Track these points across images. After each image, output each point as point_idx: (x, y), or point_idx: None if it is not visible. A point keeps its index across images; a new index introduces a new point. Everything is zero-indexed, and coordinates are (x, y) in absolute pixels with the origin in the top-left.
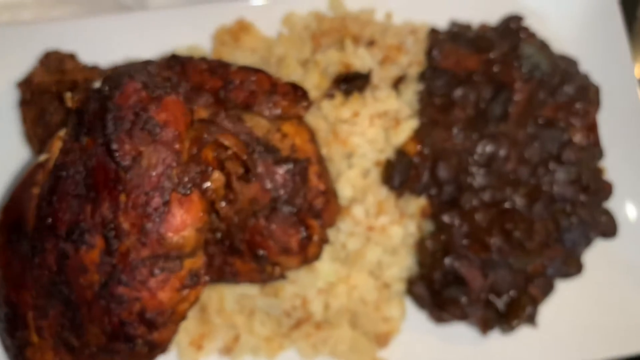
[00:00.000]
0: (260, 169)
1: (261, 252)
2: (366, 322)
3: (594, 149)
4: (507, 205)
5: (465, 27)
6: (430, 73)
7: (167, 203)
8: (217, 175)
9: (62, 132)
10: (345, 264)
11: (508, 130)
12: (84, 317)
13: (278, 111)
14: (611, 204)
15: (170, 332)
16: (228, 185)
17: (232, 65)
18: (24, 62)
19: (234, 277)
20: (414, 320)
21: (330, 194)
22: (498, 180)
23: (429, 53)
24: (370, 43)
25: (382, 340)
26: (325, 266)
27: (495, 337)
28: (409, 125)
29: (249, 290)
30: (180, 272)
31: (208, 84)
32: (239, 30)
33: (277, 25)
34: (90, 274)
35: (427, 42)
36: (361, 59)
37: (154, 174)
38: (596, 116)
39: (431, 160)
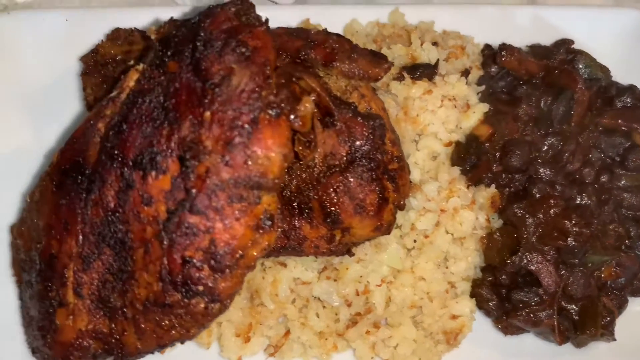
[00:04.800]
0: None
1: (334, 210)
2: (432, 321)
3: None
4: (578, 201)
5: (516, 49)
6: (495, 72)
7: (255, 121)
8: (307, 102)
9: (139, 66)
10: (411, 252)
11: (570, 131)
12: (136, 263)
13: (358, 69)
14: None
15: (234, 283)
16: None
17: (312, 29)
18: (87, 42)
19: (299, 245)
20: (478, 332)
21: (404, 161)
22: (564, 178)
23: (489, 56)
24: (434, 44)
25: (451, 338)
26: (393, 248)
27: (570, 352)
28: (480, 109)
29: (306, 274)
30: (258, 205)
31: (287, 44)
32: None
33: (339, 31)
34: (156, 205)
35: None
36: (427, 52)
37: (243, 92)
38: None
39: (501, 148)
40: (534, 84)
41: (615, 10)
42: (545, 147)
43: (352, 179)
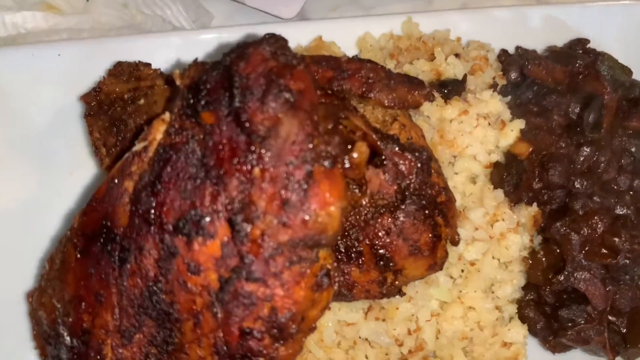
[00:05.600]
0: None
1: (386, 253)
2: (484, 350)
3: None
4: (618, 211)
5: (532, 52)
6: (515, 79)
7: (310, 175)
8: (361, 147)
9: (165, 115)
10: (455, 281)
11: (602, 139)
12: (185, 335)
13: (397, 98)
14: None
15: (296, 348)
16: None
17: (342, 56)
18: (84, 78)
19: (349, 291)
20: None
21: (450, 192)
22: (601, 189)
23: (508, 63)
24: (456, 55)
25: None
26: (442, 281)
27: None
28: (517, 126)
29: (351, 316)
30: (316, 264)
31: (318, 76)
32: (317, 48)
33: (350, 45)
34: (206, 274)
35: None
36: (453, 67)
37: (294, 143)
38: None
39: (539, 164)
40: (559, 91)
41: (627, 4)
42: (582, 159)
43: (403, 219)
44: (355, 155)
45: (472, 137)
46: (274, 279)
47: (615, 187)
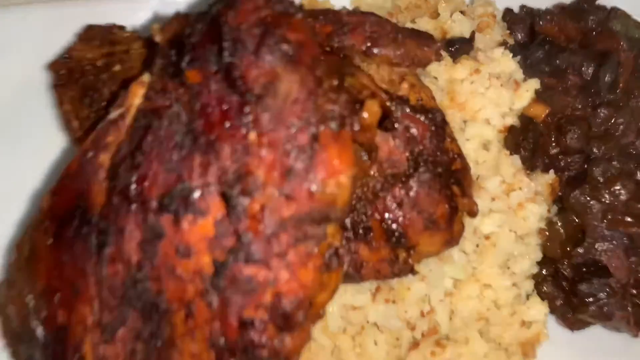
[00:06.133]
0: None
1: (398, 228)
2: (503, 331)
3: None
4: (638, 177)
5: (537, 11)
6: (522, 39)
7: (315, 138)
8: (373, 106)
9: (144, 77)
10: (469, 256)
11: (619, 99)
12: (175, 328)
13: (405, 54)
14: None
15: (304, 337)
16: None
17: (342, 9)
18: (52, 44)
19: (358, 272)
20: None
21: (464, 158)
22: (619, 153)
23: (515, 22)
24: (461, 12)
25: (528, 350)
26: (457, 257)
27: None
28: (532, 86)
29: (358, 299)
30: (324, 242)
31: (315, 30)
32: (310, 5)
33: (345, 4)
34: (197, 257)
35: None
36: (459, 24)
37: (295, 102)
38: None
39: (556, 127)
40: (572, 49)
41: None
42: (599, 121)
43: (417, 189)
44: (365, 115)
45: (485, 99)
46: (277, 261)
47: (634, 151)
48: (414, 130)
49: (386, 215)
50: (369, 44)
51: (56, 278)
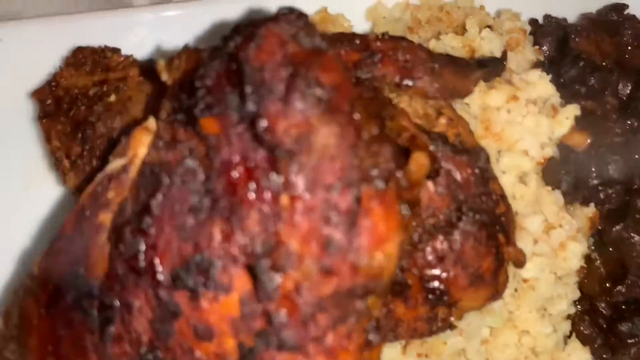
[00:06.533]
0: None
1: (440, 285)
2: None
3: None
4: None
5: (562, 20)
6: (556, 59)
7: (358, 201)
8: (421, 158)
9: (149, 122)
10: (505, 300)
11: None
12: None
13: (443, 86)
14: None
15: None
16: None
17: (369, 34)
18: (34, 69)
19: (393, 331)
20: None
21: (507, 199)
22: None
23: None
24: (487, 27)
25: None
26: (495, 307)
27: None
28: (572, 112)
29: (386, 353)
30: (366, 319)
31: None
32: (322, 22)
33: (359, 18)
34: (220, 340)
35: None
36: (488, 42)
37: (334, 159)
38: None
39: (596, 157)
40: (607, 67)
41: None
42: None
43: (462, 242)
44: (413, 169)
45: (523, 128)
46: (314, 346)
47: None
48: (456, 175)
49: (426, 271)
50: (402, 75)
51: (51, 355)
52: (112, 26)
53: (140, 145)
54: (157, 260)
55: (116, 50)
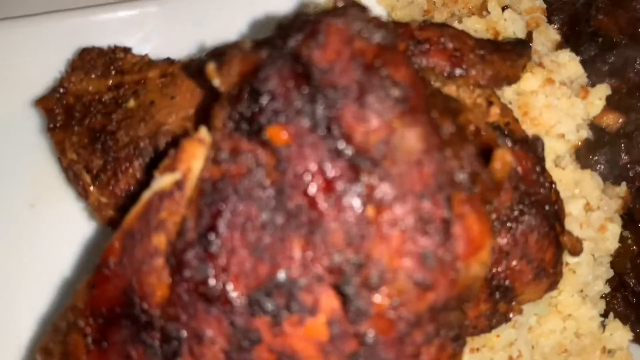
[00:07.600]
0: None
1: (504, 282)
2: None
3: None
4: None
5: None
6: (571, 37)
7: (450, 207)
8: (505, 155)
9: (201, 133)
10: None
11: None
12: None
13: (493, 74)
14: None
15: None
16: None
17: (411, 22)
18: (38, 73)
19: None
20: None
21: (556, 187)
22: None
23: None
24: (505, 8)
25: None
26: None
27: None
28: (603, 92)
29: None
30: (455, 329)
31: None
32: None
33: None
34: None
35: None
36: (511, 23)
37: (419, 164)
38: None
39: (624, 135)
40: (624, 44)
41: None
42: None
43: (526, 235)
44: (497, 167)
45: (559, 111)
46: None
47: None
48: (518, 167)
49: (491, 268)
50: (453, 65)
51: None
52: (113, 20)
53: (194, 159)
54: (230, 285)
55: (128, 50)
